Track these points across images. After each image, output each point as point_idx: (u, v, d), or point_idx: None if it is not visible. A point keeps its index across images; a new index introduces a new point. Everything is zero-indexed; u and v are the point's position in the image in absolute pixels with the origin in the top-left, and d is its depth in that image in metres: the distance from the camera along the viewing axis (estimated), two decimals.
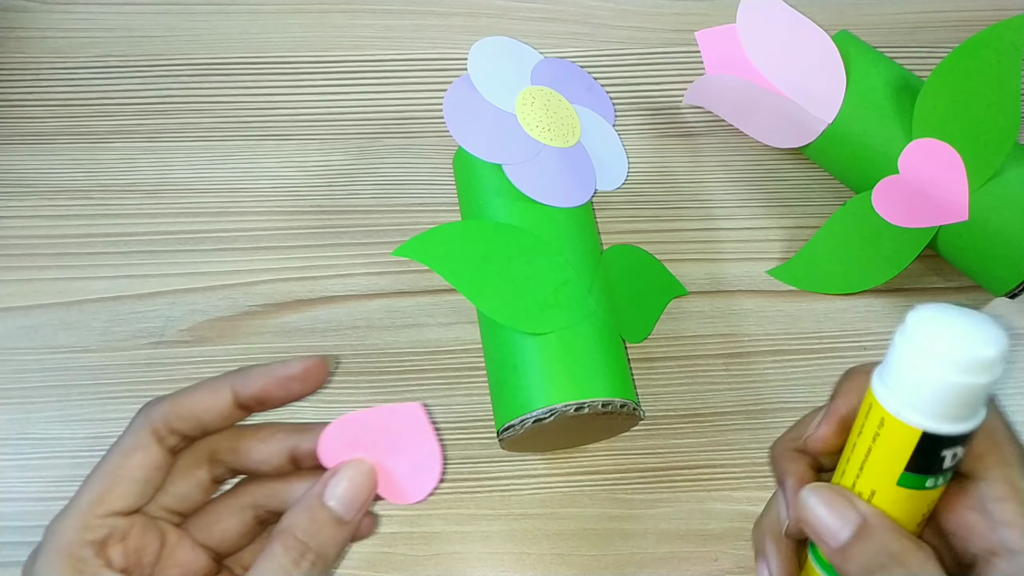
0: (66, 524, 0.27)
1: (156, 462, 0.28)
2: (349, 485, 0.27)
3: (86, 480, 0.27)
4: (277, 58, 0.48)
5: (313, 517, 0.27)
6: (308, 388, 0.29)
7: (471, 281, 0.35)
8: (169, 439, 0.28)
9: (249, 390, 0.28)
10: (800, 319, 0.42)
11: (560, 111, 0.40)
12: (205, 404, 0.28)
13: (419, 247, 0.35)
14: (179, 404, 0.28)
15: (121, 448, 0.28)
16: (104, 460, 0.28)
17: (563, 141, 0.39)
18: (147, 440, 0.28)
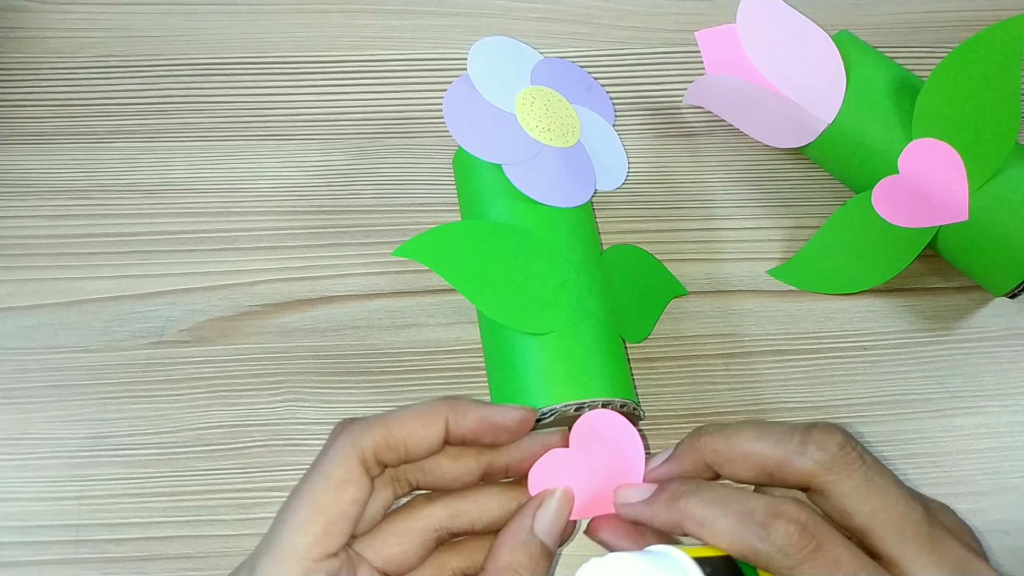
0: (283, 571, 0.25)
1: (366, 496, 0.27)
2: (556, 515, 0.28)
3: (290, 513, 0.26)
4: (277, 58, 0.48)
5: (529, 552, 0.27)
6: (514, 439, 0.29)
7: (471, 281, 0.35)
8: (374, 469, 0.27)
9: (462, 430, 0.27)
10: (800, 319, 0.42)
11: (560, 111, 0.40)
12: (418, 437, 0.27)
13: (419, 247, 0.35)
14: (391, 435, 0.27)
15: (331, 480, 0.26)
16: (309, 491, 0.26)
17: (563, 141, 0.39)
18: (358, 473, 0.26)
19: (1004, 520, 0.38)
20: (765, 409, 0.40)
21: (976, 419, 0.40)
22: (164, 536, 0.37)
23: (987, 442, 0.39)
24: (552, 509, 0.28)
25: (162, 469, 0.38)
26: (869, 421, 0.40)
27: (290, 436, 0.39)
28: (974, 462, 0.39)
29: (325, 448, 0.27)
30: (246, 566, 0.26)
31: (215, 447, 0.38)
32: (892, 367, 0.41)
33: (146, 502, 0.37)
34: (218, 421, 0.39)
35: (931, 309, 0.42)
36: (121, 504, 0.37)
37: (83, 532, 0.37)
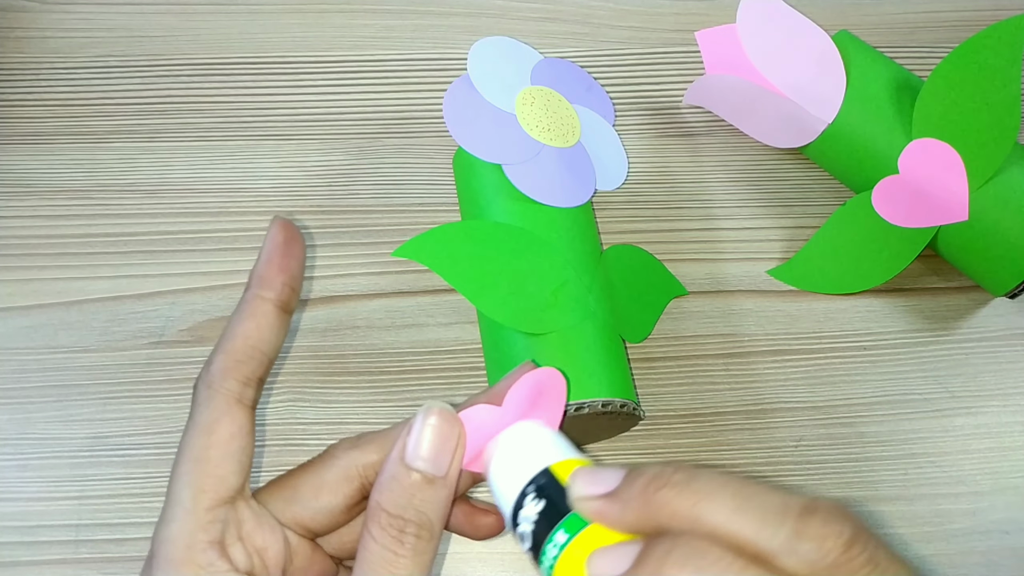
0: (176, 529, 0.24)
1: (243, 427, 0.25)
2: (430, 438, 0.24)
3: (176, 475, 0.24)
4: (277, 58, 0.48)
5: (401, 485, 0.24)
6: (303, 245, 0.27)
7: (471, 281, 0.35)
8: (246, 394, 0.25)
9: (278, 290, 0.26)
10: (800, 319, 0.42)
11: (560, 111, 0.40)
12: (253, 332, 0.25)
13: (419, 247, 0.35)
14: (233, 349, 0.25)
15: (200, 427, 0.25)
16: (186, 447, 0.25)
17: (563, 141, 0.39)
18: (227, 406, 0.25)
19: (1004, 520, 0.38)
20: (765, 409, 0.40)
21: (976, 419, 0.40)
22: None
23: (987, 442, 0.39)
24: (417, 431, 0.24)
25: (162, 469, 0.38)
26: (869, 421, 0.40)
27: (290, 436, 0.39)
28: (974, 462, 0.39)
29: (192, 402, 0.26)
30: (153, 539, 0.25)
31: None
32: (892, 367, 0.41)
33: (146, 502, 0.37)
34: None
35: (931, 309, 0.42)
36: (121, 504, 0.37)
37: (83, 532, 0.37)
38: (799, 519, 0.19)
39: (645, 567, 0.20)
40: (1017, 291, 0.40)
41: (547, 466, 0.24)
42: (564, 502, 0.23)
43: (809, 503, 0.20)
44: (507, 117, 0.38)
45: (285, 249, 0.26)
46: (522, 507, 0.24)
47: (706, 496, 0.20)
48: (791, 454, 0.39)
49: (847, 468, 0.39)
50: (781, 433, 0.39)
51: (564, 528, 0.23)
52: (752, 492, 0.20)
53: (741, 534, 0.19)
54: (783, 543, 0.19)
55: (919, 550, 0.37)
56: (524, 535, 0.24)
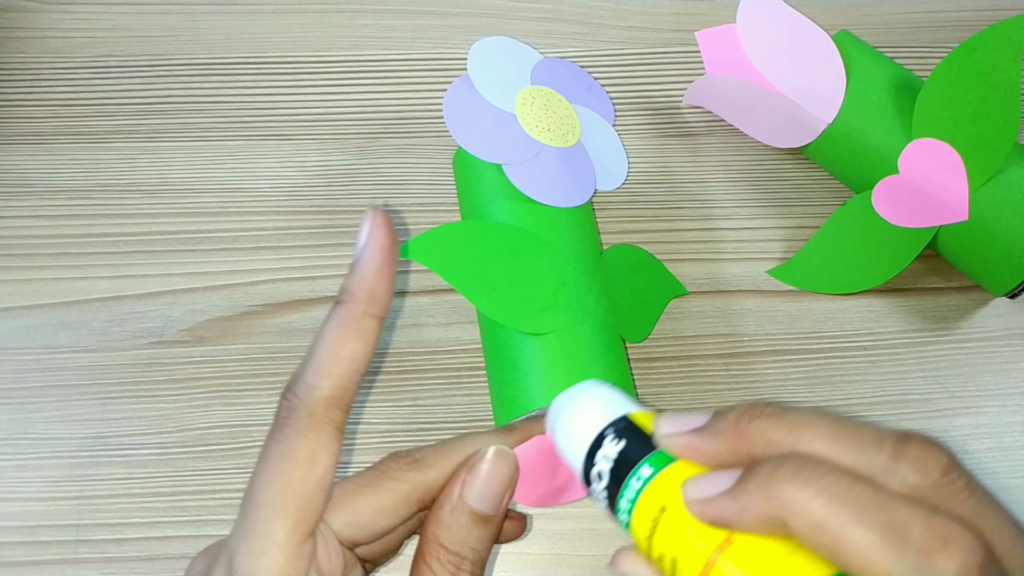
0: (267, 564, 0.23)
1: (336, 460, 0.24)
2: (488, 479, 0.25)
3: (263, 501, 0.23)
4: (277, 58, 0.48)
5: (458, 522, 0.24)
6: (398, 244, 0.25)
7: (471, 281, 0.35)
8: (338, 417, 0.24)
9: (382, 305, 0.24)
10: (800, 319, 0.42)
11: (560, 111, 0.40)
12: (356, 352, 0.24)
13: (419, 247, 0.35)
14: (338, 374, 0.24)
15: (298, 455, 0.23)
16: (281, 472, 0.23)
17: (563, 141, 0.39)
18: (328, 437, 0.24)
19: None
20: None
21: (975, 419, 0.40)
22: (164, 536, 0.37)
23: (986, 442, 0.39)
24: (482, 473, 0.25)
25: (162, 469, 0.38)
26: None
27: None
28: (973, 462, 0.39)
29: (280, 419, 0.24)
30: (222, 561, 0.23)
31: (215, 447, 0.38)
32: (892, 367, 0.41)
33: (146, 502, 0.37)
34: (218, 421, 0.39)
35: (931, 309, 0.42)
36: (121, 504, 0.37)
37: (83, 532, 0.37)
38: (896, 446, 0.19)
39: (751, 482, 0.19)
40: (1017, 291, 0.40)
41: (626, 414, 0.24)
42: (646, 444, 0.23)
43: (904, 434, 0.20)
44: (507, 117, 0.38)
45: (390, 257, 0.24)
46: (600, 448, 0.24)
47: (801, 426, 0.20)
48: None
49: None
50: None
51: (649, 463, 0.22)
52: (847, 423, 0.20)
53: (839, 460, 0.19)
54: (883, 466, 0.19)
55: None
56: (601, 474, 0.23)
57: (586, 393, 0.26)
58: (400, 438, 0.38)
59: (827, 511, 0.18)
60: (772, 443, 0.20)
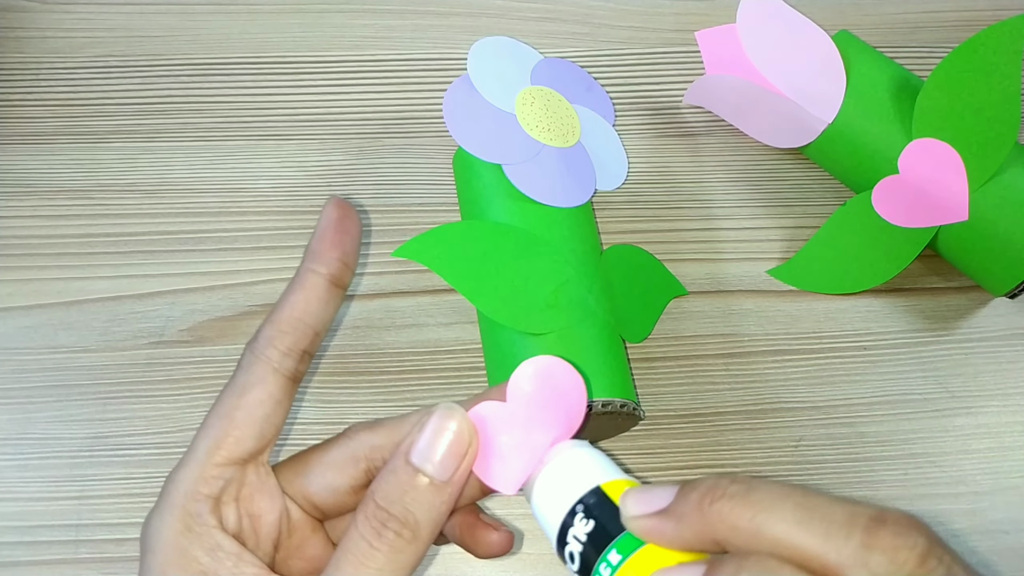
0: (182, 475, 0.24)
1: (275, 394, 0.25)
2: (434, 438, 0.23)
3: (202, 427, 0.25)
4: (277, 58, 0.48)
5: (397, 480, 0.23)
6: (358, 223, 0.28)
7: (471, 281, 0.35)
8: (285, 364, 0.25)
9: (330, 264, 0.26)
10: (800, 319, 0.42)
11: (560, 111, 0.40)
12: (300, 303, 0.26)
13: (419, 247, 0.35)
14: (279, 320, 0.26)
15: (235, 388, 0.25)
16: (218, 404, 0.25)
17: (563, 141, 0.39)
18: (262, 373, 0.25)
19: (1004, 520, 0.38)
20: (765, 409, 0.40)
21: (976, 419, 0.40)
22: None
23: (987, 442, 0.39)
24: (431, 432, 0.23)
25: (162, 469, 0.38)
26: (869, 421, 0.40)
27: (290, 436, 0.39)
28: (974, 462, 0.39)
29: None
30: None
31: None
32: (892, 367, 0.41)
33: (146, 502, 0.37)
34: None
35: (931, 309, 0.42)
36: (121, 504, 0.37)
37: (83, 532, 0.37)
38: (867, 531, 0.18)
39: None
40: (1017, 291, 0.40)
41: (597, 485, 0.24)
42: (615, 522, 0.22)
43: (877, 513, 0.18)
44: (507, 117, 0.38)
45: (339, 225, 0.27)
46: (571, 527, 0.23)
47: (766, 508, 0.19)
48: (791, 454, 0.39)
49: (847, 468, 0.39)
50: (781, 433, 0.39)
51: (617, 548, 0.22)
52: (815, 503, 0.19)
53: (806, 547, 0.18)
54: (852, 556, 0.18)
55: None
56: (572, 555, 0.23)
57: (560, 460, 0.25)
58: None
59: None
60: (736, 529, 0.19)
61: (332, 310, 0.27)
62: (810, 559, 0.18)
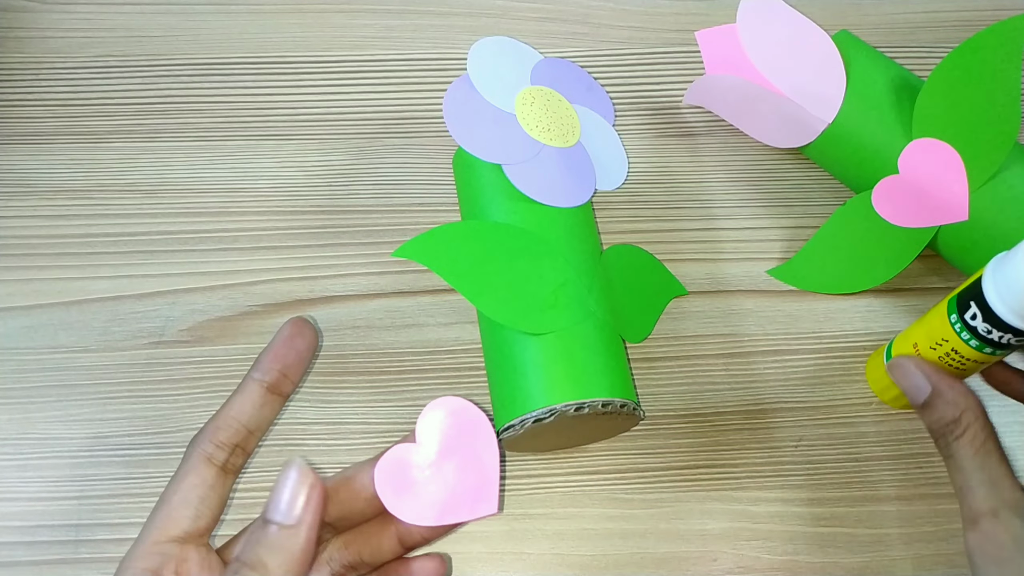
0: (128, 556, 0.29)
1: (207, 480, 0.30)
2: (285, 490, 0.27)
3: (149, 516, 0.30)
4: (277, 58, 0.48)
5: (253, 535, 0.27)
6: (309, 342, 0.32)
7: (471, 281, 0.35)
8: (217, 455, 0.30)
9: (269, 374, 0.31)
10: (800, 319, 0.42)
11: (560, 111, 0.40)
12: (237, 405, 0.31)
13: (419, 247, 0.35)
14: (217, 419, 0.30)
15: (175, 477, 0.30)
16: (162, 493, 0.30)
17: (563, 141, 0.39)
18: (196, 463, 0.30)
19: None
20: (765, 409, 0.40)
21: None
22: None
23: None
24: (276, 487, 0.27)
25: (162, 469, 0.38)
26: (869, 421, 0.40)
27: (290, 436, 0.39)
28: None
29: None
30: None
31: None
32: None
33: (146, 502, 0.37)
34: None
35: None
36: (121, 504, 0.37)
37: (83, 532, 0.37)
38: None
39: None
40: None
41: None
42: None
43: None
44: (507, 117, 0.38)
45: (288, 342, 0.32)
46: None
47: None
48: (791, 454, 0.39)
49: (847, 468, 0.39)
50: (781, 433, 0.39)
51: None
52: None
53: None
54: None
55: (919, 550, 0.37)
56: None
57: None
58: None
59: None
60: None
61: (268, 413, 0.31)
62: None
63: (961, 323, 0.32)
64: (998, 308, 0.30)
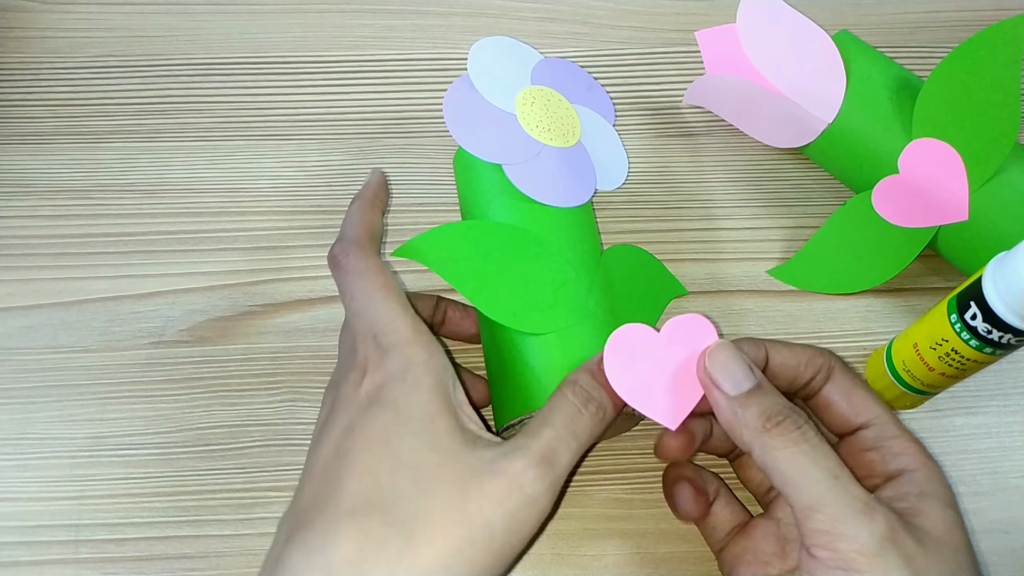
0: (397, 325, 0.30)
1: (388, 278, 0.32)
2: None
3: (363, 296, 0.31)
4: (277, 58, 0.48)
5: (594, 377, 0.31)
6: (387, 189, 0.36)
7: (471, 281, 0.35)
8: (370, 246, 0.33)
9: (381, 203, 0.35)
10: (800, 319, 0.42)
11: (560, 111, 0.40)
12: (357, 214, 0.34)
13: (419, 247, 0.35)
14: (347, 227, 0.33)
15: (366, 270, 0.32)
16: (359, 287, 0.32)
17: (563, 141, 0.39)
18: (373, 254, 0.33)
19: (1004, 520, 0.38)
20: None
21: (976, 419, 0.40)
22: (164, 536, 0.37)
23: (987, 442, 0.39)
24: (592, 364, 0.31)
25: (162, 469, 0.38)
26: None
27: (290, 436, 0.39)
28: (974, 462, 0.39)
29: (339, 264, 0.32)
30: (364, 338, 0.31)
31: (215, 447, 0.38)
32: None
33: (146, 502, 0.37)
34: (218, 421, 0.39)
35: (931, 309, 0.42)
36: (121, 504, 0.37)
37: (83, 532, 0.37)
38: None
39: None
40: None
41: None
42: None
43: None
44: (507, 117, 0.38)
45: (381, 189, 0.36)
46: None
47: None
48: None
49: None
50: None
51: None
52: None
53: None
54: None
55: None
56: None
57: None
58: None
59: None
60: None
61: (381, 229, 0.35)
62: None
63: (961, 323, 0.32)
64: (998, 308, 0.30)
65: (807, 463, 0.27)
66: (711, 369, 0.30)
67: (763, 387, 0.29)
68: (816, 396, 0.32)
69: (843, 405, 0.31)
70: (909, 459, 0.30)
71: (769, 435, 0.28)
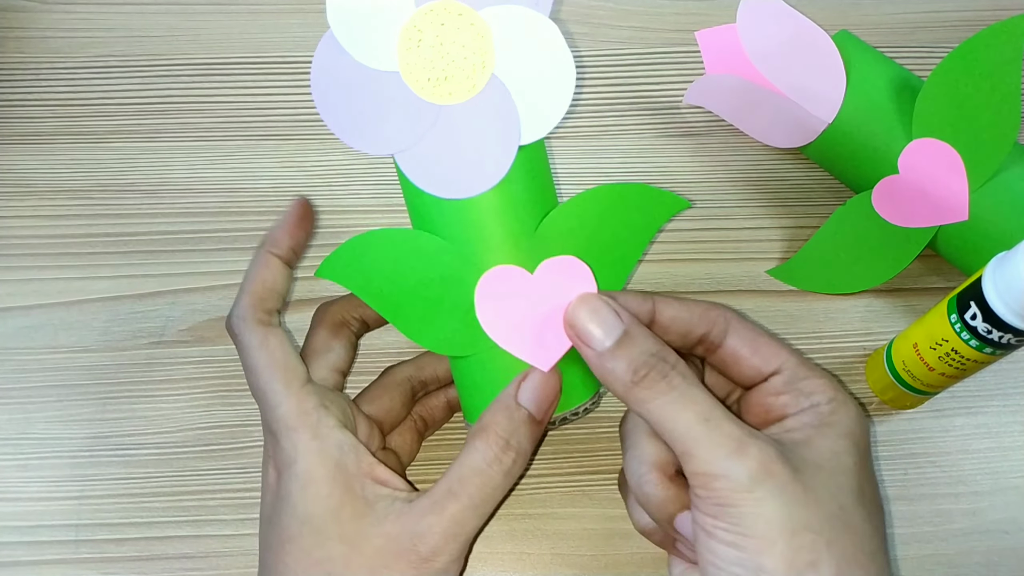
0: (284, 408, 0.30)
1: (281, 337, 0.32)
2: (539, 386, 0.30)
3: (260, 386, 0.31)
4: (277, 58, 0.48)
5: (510, 416, 0.30)
6: (312, 224, 0.34)
7: (385, 300, 0.31)
8: (261, 316, 0.32)
9: (282, 249, 0.33)
10: (800, 319, 0.42)
11: (459, 37, 0.29)
12: (270, 278, 0.32)
13: (335, 266, 0.31)
14: (252, 293, 0.31)
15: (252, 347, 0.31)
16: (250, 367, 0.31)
17: (468, 87, 0.30)
18: (261, 328, 0.31)
19: (1004, 520, 0.38)
20: None
21: (975, 419, 0.40)
22: (164, 536, 0.37)
23: (986, 442, 0.39)
24: (535, 380, 0.30)
25: (162, 469, 0.38)
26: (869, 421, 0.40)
27: None
28: (974, 462, 0.39)
29: (234, 340, 0.32)
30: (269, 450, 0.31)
31: (215, 447, 0.38)
32: None
33: (146, 502, 0.37)
34: (218, 421, 0.39)
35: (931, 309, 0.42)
36: (121, 504, 0.37)
37: (83, 532, 0.37)
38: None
39: None
40: None
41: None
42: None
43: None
44: (386, 79, 0.29)
45: (297, 222, 0.33)
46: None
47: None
48: None
49: None
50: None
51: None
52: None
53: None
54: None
55: (919, 550, 0.37)
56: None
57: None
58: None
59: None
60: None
61: (289, 282, 0.33)
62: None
63: (961, 323, 0.32)
64: (998, 308, 0.30)
65: (677, 410, 0.27)
66: (575, 325, 0.29)
67: (631, 334, 0.28)
68: (719, 351, 0.31)
69: (750, 355, 0.30)
70: (820, 396, 0.29)
71: (638, 388, 0.27)
